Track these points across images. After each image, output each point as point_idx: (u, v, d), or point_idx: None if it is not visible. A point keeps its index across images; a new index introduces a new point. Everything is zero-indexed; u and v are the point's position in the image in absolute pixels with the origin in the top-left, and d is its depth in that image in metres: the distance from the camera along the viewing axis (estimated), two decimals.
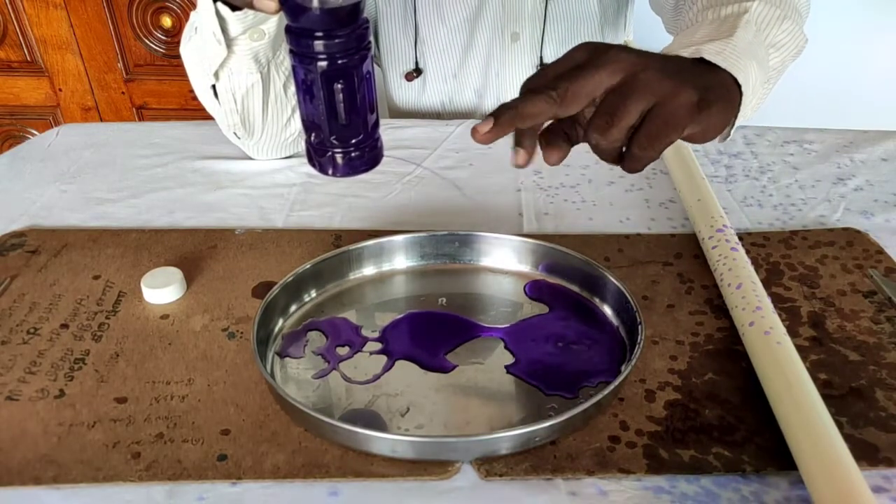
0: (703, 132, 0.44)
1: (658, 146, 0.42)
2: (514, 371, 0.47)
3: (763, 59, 0.50)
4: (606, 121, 0.41)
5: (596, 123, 0.42)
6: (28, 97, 1.54)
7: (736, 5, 0.53)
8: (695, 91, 0.42)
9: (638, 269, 0.57)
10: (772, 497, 0.38)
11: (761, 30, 0.52)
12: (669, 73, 0.42)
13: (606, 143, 0.42)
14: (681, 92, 0.42)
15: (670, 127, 0.41)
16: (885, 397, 0.44)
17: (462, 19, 0.87)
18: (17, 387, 0.46)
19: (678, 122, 0.42)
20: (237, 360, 0.48)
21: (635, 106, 0.41)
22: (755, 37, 0.50)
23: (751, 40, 0.49)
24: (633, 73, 0.42)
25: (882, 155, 0.74)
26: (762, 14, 0.53)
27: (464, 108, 0.93)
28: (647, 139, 0.42)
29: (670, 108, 0.41)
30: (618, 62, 0.42)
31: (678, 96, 0.41)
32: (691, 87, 0.42)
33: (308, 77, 0.41)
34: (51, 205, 0.67)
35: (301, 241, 0.60)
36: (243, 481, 0.39)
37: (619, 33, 0.93)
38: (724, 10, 0.54)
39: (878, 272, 0.56)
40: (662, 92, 0.41)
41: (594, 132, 0.42)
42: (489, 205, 0.67)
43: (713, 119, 0.43)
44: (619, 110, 0.41)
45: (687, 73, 0.44)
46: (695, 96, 0.42)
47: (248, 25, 0.61)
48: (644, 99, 0.41)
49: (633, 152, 0.42)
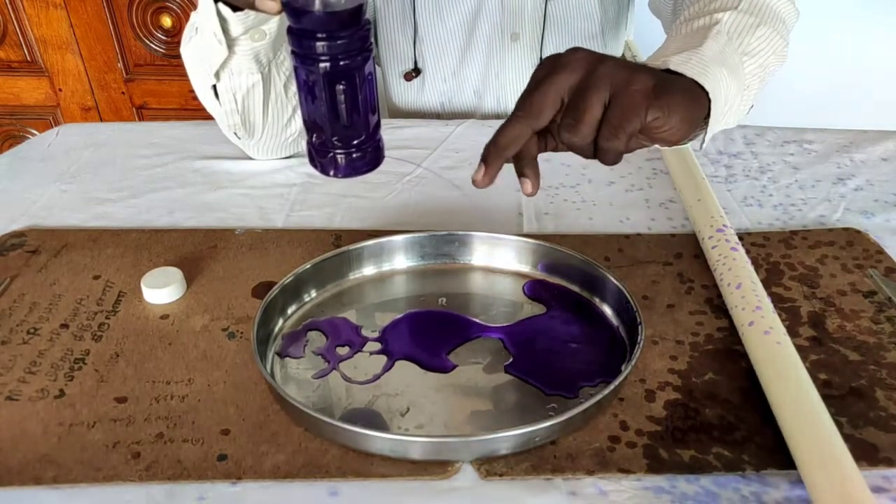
0: (666, 120, 0.44)
1: (621, 135, 0.42)
2: (513, 371, 0.47)
3: (735, 65, 0.51)
4: (573, 117, 0.43)
5: (564, 123, 0.43)
6: (28, 97, 1.54)
7: (708, 17, 0.54)
8: (650, 77, 0.43)
9: (638, 269, 0.57)
10: (772, 497, 0.38)
11: (733, 39, 0.53)
12: (625, 64, 0.44)
13: (579, 139, 0.43)
14: (635, 78, 0.43)
15: (630, 112, 0.42)
16: (885, 397, 0.44)
17: (461, 19, 0.87)
18: (17, 387, 0.46)
19: (636, 107, 0.42)
20: (237, 360, 0.48)
21: (595, 97, 0.42)
22: (727, 45, 0.51)
23: (721, 49, 0.50)
24: (590, 69, 0.43)
25: (882, 155, 0.75)
26: (734, 23, 0.54)
27: (463, 108, 0.93)
28: (609, 130, 0.43)
29: (627, 95, 0.42)
30: (574, 62, 0.44)
31: (634, 83, 0.43)
32: (647, 73, 0.43)
33: (310, 78, 0.41)
34: (51, 205, 0.67)
35: (301, 241, 0.60)
36: (243, 481, 0.39)
37: (619, 33, 0.93)
38: (696, 22, 0.55)
39: (878, 272, 0.56)
40: (618, 80, 0.43)
41: (564, 132, 0.43)
42: (489, 205, 0.67)
43: (674, 105, 0.44)
44: (581, 105, 0.42)
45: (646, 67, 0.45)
46: (650, 81, 0.43)
47: (250, 26, 0.61)
48: (601, 89, 0.42)
49: (601, 145, 0.43)
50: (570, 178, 0.71)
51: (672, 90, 0.44)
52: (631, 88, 0.42)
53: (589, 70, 0.43)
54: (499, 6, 0.86)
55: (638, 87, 0.43)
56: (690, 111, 0.45)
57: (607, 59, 0.44)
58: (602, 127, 0.43)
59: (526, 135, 0.44)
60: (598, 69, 0.43)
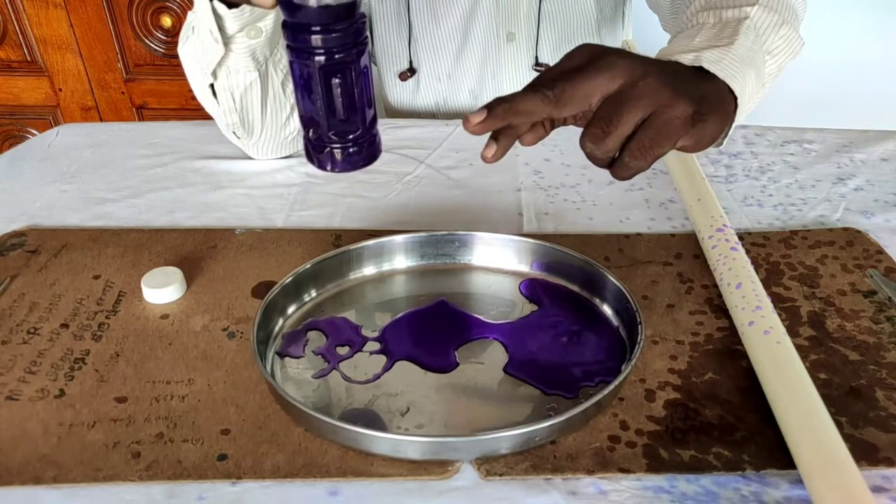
0: (694, 144, 0.44)
1: (649, 157, 0.42)
2: (513, 371, 0.47)
3: (760, 66, 0.50)
4: (602, 129, 0.41)
5: (591, 132, 0.42)
6: (28, 97, 1.54)
7: (737, 10, 0.53)
8: (690, 104, 0.42)
9: (638, 269, 0.57)
10: (772, 497, 0.38)
11: (760, 36, 0.52)
12: (667, 83, 0.42)
13: (601, 153, 0.42)
14: (676, 104, 0.41)
15: (663, 138, 0.42)
16: (885, 397, 0.44)
17: (456, 19, 0.87)
18: (17, 387, 0.46)
19: (671, 135, 0.42)
20: (237, 360, 0.48)
21: (631, 116, 0.41)
22: (754, 43, 0.51)
23: (750, 47, 0.49)
24: (630, 81, 0.42)
25: (882, 155, 0.75)
26: (762, 20, 0.53)
27: (459, 108, 0.93)
28: (639, 149, 0.42)
29: (664, 120, 0.41)
30: (616, 68, 0.42)
31: (673, 108, 0.41)
32: (687, 99, 0.42)
33: (305, 72, 0.40)
34: (51, 205, 0.67)
35: (301, 241, 0.60)
36: (243, 481, 0.39)
37: (616, 32, 0.92)
38: (725, 13, 0.53)
39: (878, 272, 0.56)
40: (658, 103, 0.41)
41: (589, 140, 0.42)
42: (489, 204, 0.67)
43: (706, 132, 0.43)
44: (615, 120, 0.41)
45: (683, 82, 0.44)
46: (690, 109, 0.42)
47: (245, 23, 0.61)
48: (640, 109, 0.41)
49: (625, 161, 0.42)
50: (570, 178, 0.71)
51: (709, 116, 0.43)
52: (670, 114, 0.41)
53: (630, 82, 0.42)
54: (493, 6, 0.85)
55: (678, 114, 0.41)
56: (719, 128, 0.45)
57: (651, 73, 0.42)
58: (631, 143, 0.42)
59: (541, 115, 0.42)
60: (640, 85, 0.41)
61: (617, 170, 0.44)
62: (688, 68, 0.46)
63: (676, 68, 0.46)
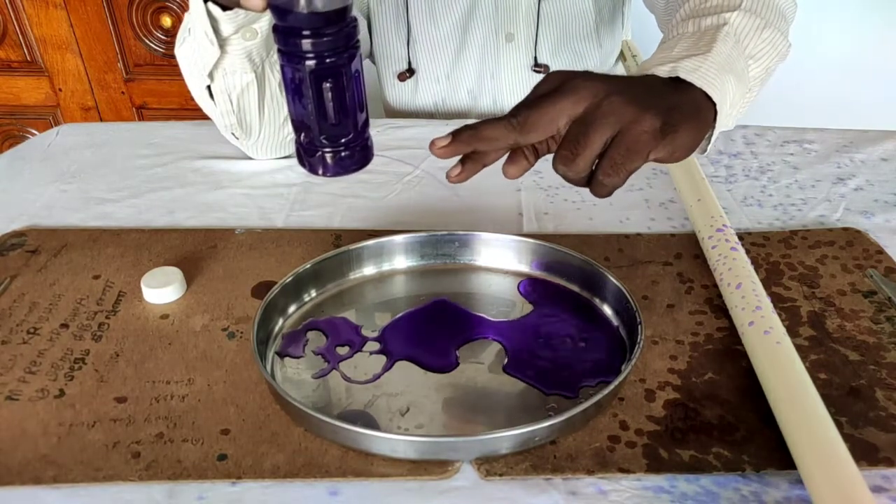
0: (669, 155, 0.44)
1: (623, 173, 0.42)
2: (513, 371, 0.47)
3: (742, 71, 0.50)
4: (571, 151, 0.42)
5: (561, 154, 0.42)
6: (28, 97, 1.54)
7: (715, 16, 0.53)
8: (657, 116, 0.42)
9: (638, 269, 0.57)
10: (772, 497, 0.38)
11: (740, 41, 0.52)
12: (632, 99, 0.42)
13: (573, 174, 0.43)
14: (642, 119, 0.42)
15: (633, 154, 0.42)
16: (885, 397, 0.44)
17: (455, 20, 0.86)
18: (17, 387, 0.46)
19: (641, 149, 0.42)
20: (237, 360, 0.48)
21: (597, 136, 0.41)
22: (734, 49, 0.51)
23: (729, 53, 0.49)
24: (595, 102, 0.42)
25: (882, 155, 0.75)
26: (742, 25, 0.53)
27: (457, 109, 0.93)
28: (611, 167, 0.42)
29: (632, 136, 0.41)
30: (581, 90, 0.42)
31: (640, 123, 0.42)
32: (653, 112, 0.42)
33: (296, 76, 0.40)
34: (51, 205, 0.67)
35: (301, 241, 0.60)
36: (243, 481, 0.39)
37: (615, 33, 0.92)
38: (705, 21, 0.53)
39: (878, 272, 0.56)
40: (624, 120, 0.41)
41: (560, 163, 0.43)
42: (489, 205, 0.67)
43: (678, 142, 0.43)
44: (582, 141, 0.41)
45: (651, 96, 0.44)
46: (657, 122, 0.42)
47: (240, 24, 0.61)
48: (606, 128, 0.41)
49: (599, 179, 0.43)
50: None
51: (680, 125, 0.43)
52: (637, 129, 0.41)
53: (595, 103, 0.42)
54: (492, 7, 0.85)
55: (645, 128, 0.41)
56: (695, 136, 0.45)
57: (615, 92, 0.42)
58: (602, 161, 0.42)
59: (506, 142, 0.43)
60: (604, 105, 0.42)
61: (594, 188, 0.44)
62: (663, 80, 0.46)
63: (650, 81, 0.46)
